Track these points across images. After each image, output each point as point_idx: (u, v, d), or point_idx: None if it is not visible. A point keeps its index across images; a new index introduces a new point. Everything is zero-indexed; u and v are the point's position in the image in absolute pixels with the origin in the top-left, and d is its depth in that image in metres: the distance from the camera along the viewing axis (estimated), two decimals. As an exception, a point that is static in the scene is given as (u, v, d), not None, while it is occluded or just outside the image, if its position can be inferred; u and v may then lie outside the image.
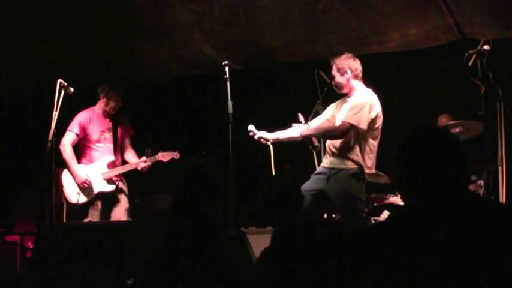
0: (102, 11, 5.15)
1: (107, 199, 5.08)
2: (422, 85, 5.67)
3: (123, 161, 5.26)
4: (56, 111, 4.43)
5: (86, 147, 5.16)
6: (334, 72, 4.46)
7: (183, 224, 2.09)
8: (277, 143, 4.63)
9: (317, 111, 4.64)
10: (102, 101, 5.16)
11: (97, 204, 5.03)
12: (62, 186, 5.05)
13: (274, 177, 4.57)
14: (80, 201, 5.02)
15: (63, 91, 4.51)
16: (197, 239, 2.00)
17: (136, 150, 5.31)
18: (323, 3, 4.95)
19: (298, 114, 4.47)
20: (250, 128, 4.56)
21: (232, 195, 4.10)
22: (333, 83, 4.50)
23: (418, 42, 5.43)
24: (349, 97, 4.47)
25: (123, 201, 5.12)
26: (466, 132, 5.12)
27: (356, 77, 4.44)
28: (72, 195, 5.02)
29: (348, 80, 4.42)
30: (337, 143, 4.34)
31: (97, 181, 5.05)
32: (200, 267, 1.87)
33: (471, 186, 5.13)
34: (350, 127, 4.22)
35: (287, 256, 1.91)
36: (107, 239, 3.63)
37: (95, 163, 5.11)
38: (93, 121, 5.15)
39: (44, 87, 5.21)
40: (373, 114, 4.27)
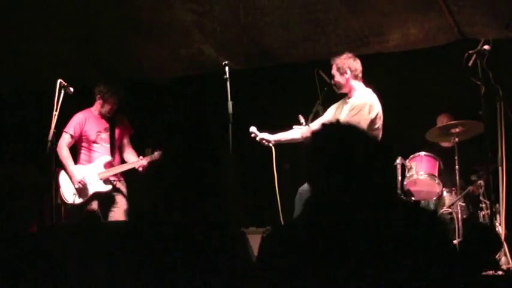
0: (102, 11, 5.15)
1: (104, 200, 5.08)
2: (422, 85, 5.66)
3: (123, 160, 5.26)
4: (56, 111, 4.44)
5: (83, 147, 5.16)
6: (334, 71, 4.47)
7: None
8: (278, 144, 4.63)
9: (317, 111, 4.64)
10: (99, 102, 5.16)
11: (94, 205, 5.03)
12: (58, 186, 5.05)
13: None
14: (76, 202, 5.02)
15: (63, 91, 4.51)
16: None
17: (136, 150, 5.31)
18: (323, 3, 4.95)
19: (299, 116, 4.47)
20: (252, 129, 4.56)
21: (232, 195, 4.10)
22: (332, 82, 4.50)
23: (418, 42, 5.42)
24: (349, 98, 4.47)
25: (121, 202, 5.10)
26: (466, 132, 5.12)
27: (356, 77, 4.44)
28: (68, 195, 5.02)
29: (348, 80, 4.42)
30: None
31: (93, 181, 5.05)
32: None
33: (471, 187, 5.12)
34: None
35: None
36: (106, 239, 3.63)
37: (92, 163, 5.12)
38: (89, 122, 5.15)
39: (44, 87, 5.21)
40: (372, 115, 4.27)
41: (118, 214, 5.04)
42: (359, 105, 4.27)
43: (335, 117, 4.55)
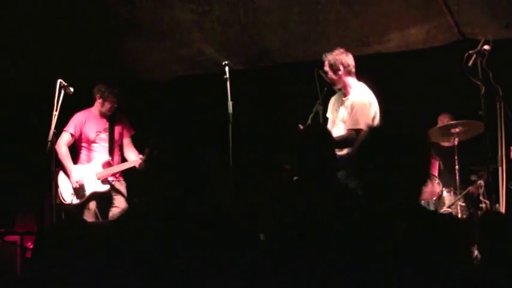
0: (102, 11, 5.15)
1: (103, 200, 5.08)
2: (423, 85, 5.66)
3: (124, 160, 5.26)
4: (56, 111, 4.43)
5: (82, 147, 5.17)
6: (326, 68, 4.40)
7: None
8: (276, 142, 4.62)
9: (317, 111, 4.63)
10: (98, 102, 5.17)
11: (91, 205, 5.03)
12: (57, 186, 5.04)
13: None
14: (73, 202, 5.02)
15: (63, 91, 4.51)
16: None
17: (137, 150, 5.30)
18: (323, 3, 4.95)
19: (299, 126, 4.42)
20: None
21: (232, 195, 4.10)
22: (326, 78, 4.43)
23: (418, 42, 5.43)
24: (346, 95, 4.42)
25: (120, 202, 5.10)
26: (466, 132, 5.12)
27: (349, 73, 4.37)
28: (66, 195, 5.03)
29: (341, 76, 4.36)
30: None
31: (91, 181, 5.05)
32: None
33: (471, 187, 5.12)
34: (359, 132, 4.11)
35: None
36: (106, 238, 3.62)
37: (91, 163, 5.12)
38: (89, 121, 5.16)
39: (44, 87, 5.20)
40: (373, 112, 4.26)
41: (117, 214, 5.02)
42: (361, 106, 4.24)
43: (334, 115, 4.52)
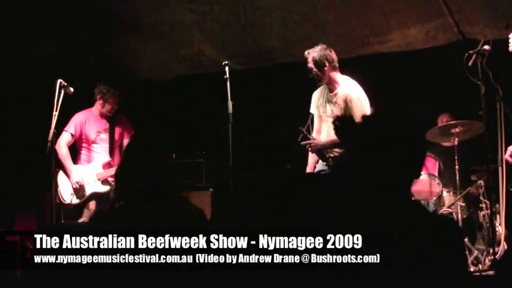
0: (102, 11, 5.15)
1: (103, 200, 5.07)
2: (423, 85, 5.66)
3: (123, 161, 5.25)
4: (56, 111, 4.43)
5: (82, 147, 5.17)
6: (310, 65, 4.31)
7: None
8: (277, 142, 4.60)
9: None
10: (99, 102, 5.17)
11: (91, 205, 5.02)
12: (57, 186, 5.04)
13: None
14: (73, 202, 5.02)
15: (63, 91, 4.50)
16: None
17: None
18: (323, 3, 4.95)
19: (300, 128, 4.40)
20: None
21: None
22: (310, 75, 4.35)
23: (418, 42, 5.43)
24: (333, 91, 4.35)
25: None
26: (466, 132, 5.12)
27: (334, 68, 4.31)
28: (66, 195, 5.02)
29: (326, 72, 4.30)
30: None
31: (91, 182, 5.05)
32: None
33: (471, 187, 5.11)
34: None
35: None
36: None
37: (91, 164, 5.12)
38: (89, 122, 5.16)
39: (44, 87, 5.21)
40: (366, 104, 4.25)
41: None
42: (357, 98, 4.21)
43: (319, 110, 4.46)
